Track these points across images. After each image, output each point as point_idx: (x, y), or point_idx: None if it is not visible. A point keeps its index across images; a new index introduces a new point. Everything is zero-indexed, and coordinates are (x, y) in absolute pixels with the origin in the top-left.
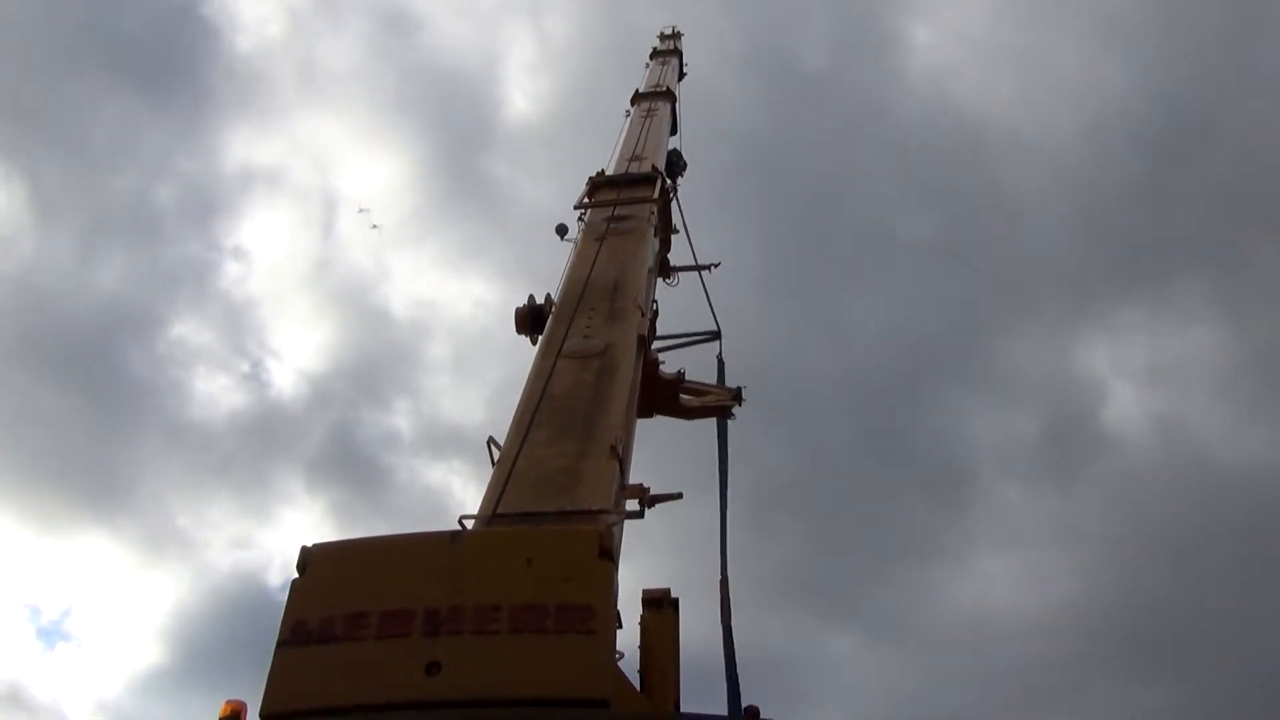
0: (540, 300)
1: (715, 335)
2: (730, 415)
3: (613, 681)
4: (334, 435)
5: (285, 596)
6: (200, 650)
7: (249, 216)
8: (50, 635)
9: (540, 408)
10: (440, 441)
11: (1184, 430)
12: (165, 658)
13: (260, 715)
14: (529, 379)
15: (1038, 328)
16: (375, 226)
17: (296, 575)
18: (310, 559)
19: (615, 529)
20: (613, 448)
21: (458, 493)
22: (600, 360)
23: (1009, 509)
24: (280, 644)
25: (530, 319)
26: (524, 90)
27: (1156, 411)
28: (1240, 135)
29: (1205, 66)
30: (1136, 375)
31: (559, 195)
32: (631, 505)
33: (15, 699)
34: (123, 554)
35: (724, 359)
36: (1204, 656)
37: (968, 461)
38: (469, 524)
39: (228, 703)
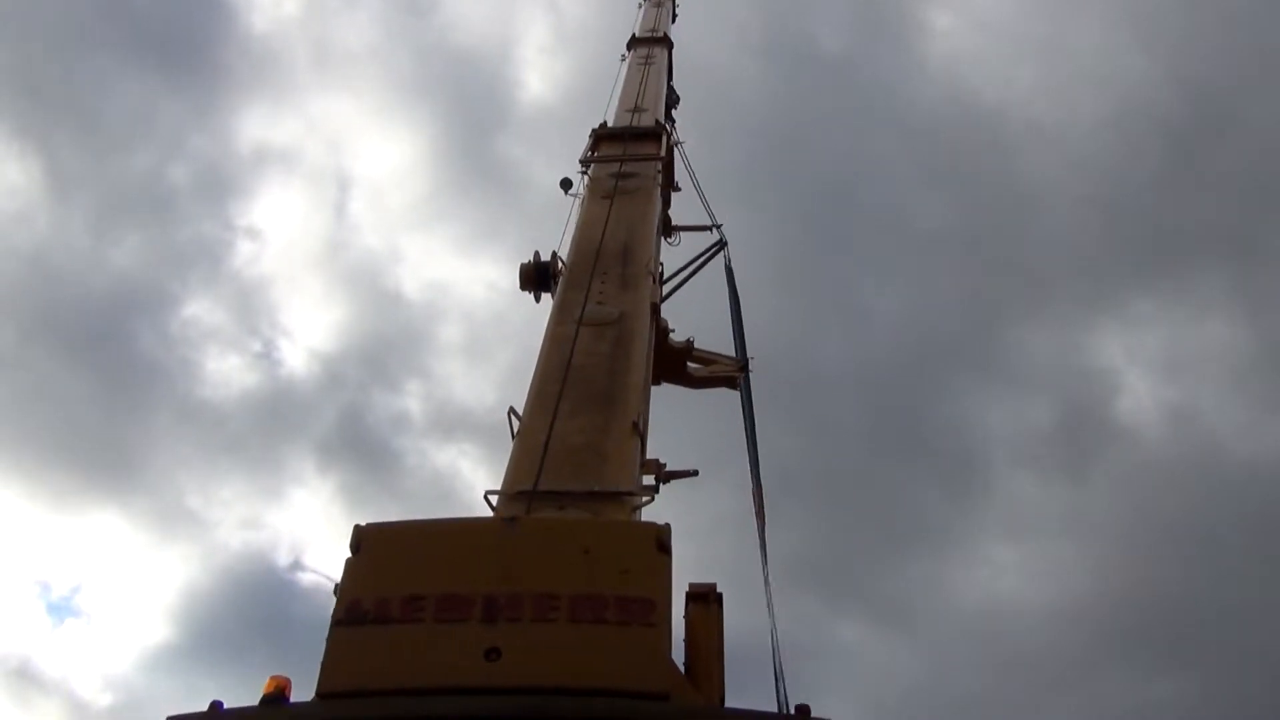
0: (545, 258)
1: (720, 244)
2: (737, 386)
3: (672, 675)
4: (345, 416)
5: (296, 575)
6: (209, 629)
7: (263, 196)
8: (60, 611)
9: (560, 379)
10: (451, 424)
11: (1198, 422)
12: (174, 635)
13: (316, 694)
14: (544, 346)
15: (1052, 317)
16: None
17: (350, 555)
18: (364, 539)
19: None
20: (634, 424)
21: (467, 475)
22: (616, 330)
23: (1020, 499)
24: (335, 623)
25: (535, 276)
26: (539, 72)
27: (1170, 403)
28: (1262, 127)
29: (1228, 56)
30: (1151, 366)
31: (574, 178)
32: (646, 480)
33: (24, 674)
34: (133, 532)
35: (732, 268)
36: (1214, 650)
37: (979, 451)
38: (494, 500)
39: (272, 678)
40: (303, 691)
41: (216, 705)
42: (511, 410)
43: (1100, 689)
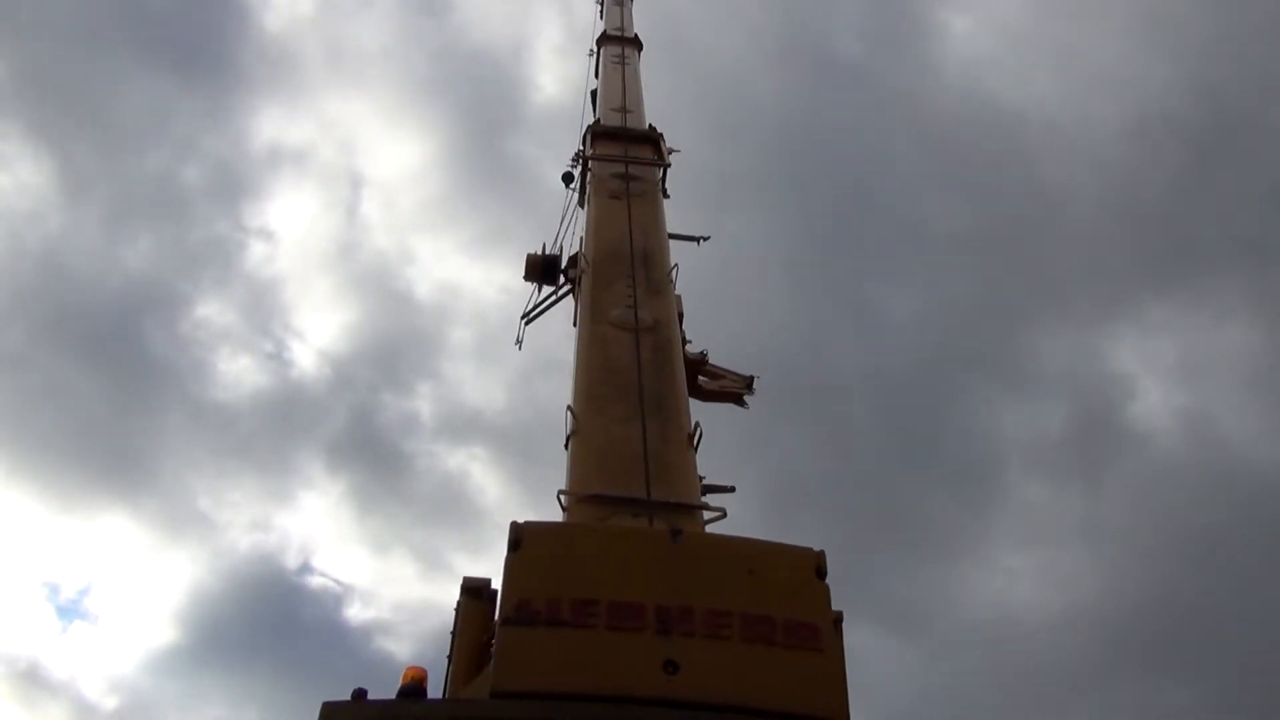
0: (553, 250)
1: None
2: (743, 404)
3: (843, 702)
4: (355, 418)
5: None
6: (216, 631)
7: (275, 197)
8: (68, 613)
9: (605, 380)
10: (461, 427)
11: (1212, 428)
12: (181, 638)
13: (491, 693)
14: (583, 345)
15: (1068, 322)
16: None
17: (510, 552)
18: (524, 536)
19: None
20: (689, 436)
21: (478, 478)
22: (654, 336)
23: (1033, 505)
24: (505, 621)
25: (542, 268)
26: (552, 73)
27: (1185, 409)
28: None
29: (1249, 61)
30: (1166, 372)
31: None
32: None
33: (32, 675)
34: (142, 534)
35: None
36: (1229, 656)
37: (993, 456)
38: (564, 499)
39: (409, 669)
40: (310, 692)
41: (361, 693)
42: (570, 409)
43: (1113, 697)
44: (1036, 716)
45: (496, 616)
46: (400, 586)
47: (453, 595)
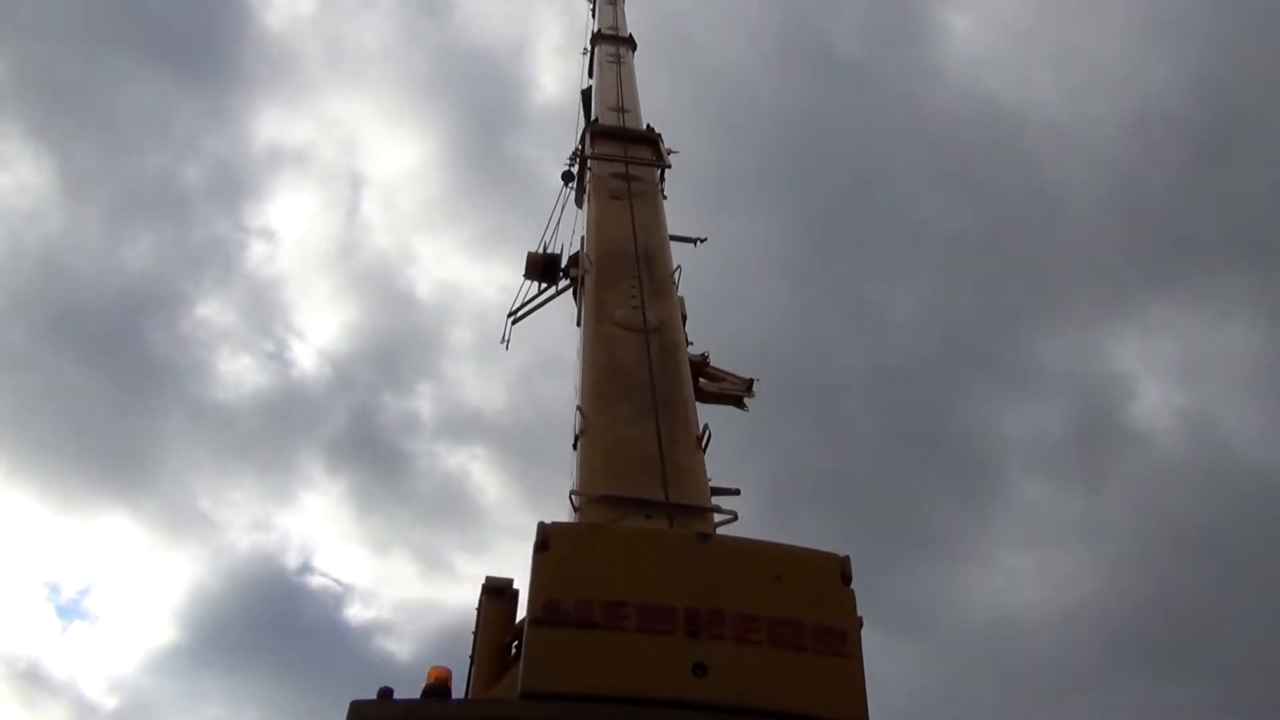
0: (553, 250)
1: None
2: (743, 406)
3: (865, 708)
4: (355, 418)
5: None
6: (216, 631)
7: (276, 197)
8: (68, 613)
9: (611, 380)
10: (461, 427)
11: (1212, 428)
12: (181, 638)
13: (520, 693)
14: (589, 345)
15: (1069, 322)
16: None
17: (537, 552)
18: (552, 537)
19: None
20: (698, 439)
21: (478, 478)
22: (659, 337)
23: (1034, 505)
24: (533, 621)
25: (543, 266)
26: (553, 73)
27: (1185, 409)
28: None
29: (1249, 61)
30: (1167, 372)
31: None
32: None
33: (33, 675)
34: (142, 534)
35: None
36: (1229, 656)
37: (993, 456)
38: (575, 500)
39: (434, 668)
40: (310, 692)
41: (387, 691)
42: (579, 408)
43: (1113, 696)
44: (1036, 716)
45: (522, 617)
46: (400, 586)
47: (453, 595)
